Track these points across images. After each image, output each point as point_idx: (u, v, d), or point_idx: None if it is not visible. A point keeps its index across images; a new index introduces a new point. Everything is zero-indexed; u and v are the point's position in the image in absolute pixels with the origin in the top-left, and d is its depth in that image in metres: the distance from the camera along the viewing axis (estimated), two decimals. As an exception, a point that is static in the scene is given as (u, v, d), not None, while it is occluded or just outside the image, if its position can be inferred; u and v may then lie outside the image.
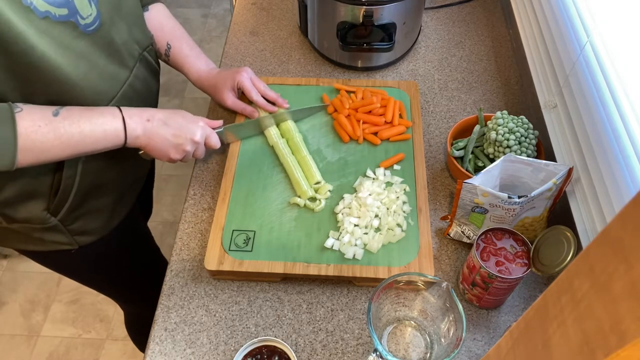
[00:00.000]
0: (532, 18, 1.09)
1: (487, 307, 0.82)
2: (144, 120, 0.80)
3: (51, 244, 0.89)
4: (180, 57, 1.00)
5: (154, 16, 0.96)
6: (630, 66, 0.73)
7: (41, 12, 0.65)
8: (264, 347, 0.76)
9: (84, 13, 0.72)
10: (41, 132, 0.69)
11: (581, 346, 0.30)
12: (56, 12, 0.67)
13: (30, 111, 0.69)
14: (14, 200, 0.80)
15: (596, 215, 0.77)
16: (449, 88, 1.14)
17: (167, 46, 0.98)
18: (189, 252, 0.89)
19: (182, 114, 0.85)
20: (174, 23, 1.00)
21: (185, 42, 1.00)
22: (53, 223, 0.85)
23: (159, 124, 0.81)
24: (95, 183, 0.87)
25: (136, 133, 0.79)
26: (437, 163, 1.01)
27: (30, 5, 0.63)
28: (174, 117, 0.83)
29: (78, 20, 0.71)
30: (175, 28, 1.00)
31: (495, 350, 0.47)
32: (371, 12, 1.05)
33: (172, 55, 0.99)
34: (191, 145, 0.85)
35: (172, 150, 0.84)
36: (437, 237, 0.90)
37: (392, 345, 0.78)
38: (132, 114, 0.79)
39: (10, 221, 0.83)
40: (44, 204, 0.82)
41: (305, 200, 0.89)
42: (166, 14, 0.99)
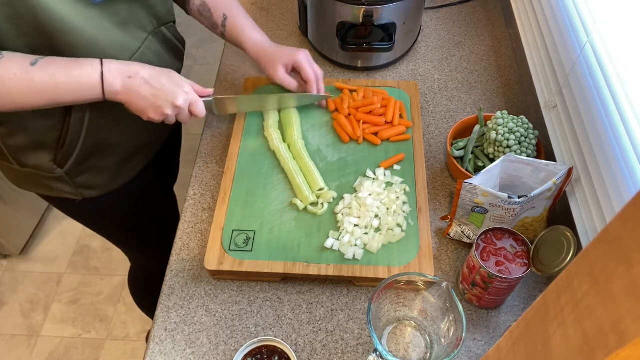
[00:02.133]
0: (532, 18, 1.09)
1: (487, 307, 0.82)
2: (125, 76, 0.78)
3: (58, 191, 0.94)
4: (237, 27, 0.99)
5: None
6: (630, 66, 0.73)
7: None
8: (264, 347, 0.76)
9: None
10: (16, 79, 0.71)
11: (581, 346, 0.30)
12: None
13: (9, 58, 0.71)
14: (24, 148, 0.86)
15: (596, 215, 0.77)
16: (449, 88, 1.14)
17: (223, 17, 0.99)
18: (189, 252, 0.89)
19: (168, 74, 0.83)
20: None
21: (241, 14, 1.00)
22: (59, 174, 0.90)
23: (141, 82, 0.79)
24: (101, 141, 0.90)
25: (114, 88, 0.78)
26: (437, 163, 1.01)
27: None
28: (159, 77, 0.81)
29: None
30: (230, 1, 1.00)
31: (495, 350, 0.47)
32: (371, 12, 1.05)
33: (229, 25, 0.99)
34: (171, 109, 0.83)
35: (151, 111, 0.82)
36: (437, 237, 0.90)
37: (392, 345, 0.78)
38: (114, 68, 0.77)
39: (21, 165, 0.90)
40: (51, 155, 0.87)
41: (307, 205, 0.89)
42: None
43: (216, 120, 1.08)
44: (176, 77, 0.84)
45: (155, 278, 1.23)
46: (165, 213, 1.27)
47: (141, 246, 1.25)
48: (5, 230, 1.84)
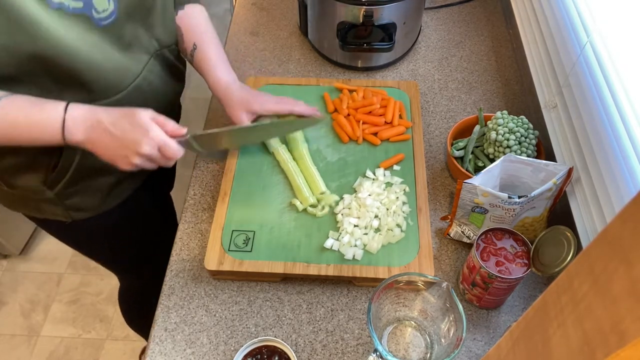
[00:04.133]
0: (532, 18, 1.09)
1: (487, 307, 0.82)
2: (88, 125, 0.73)
3: (47, 213, 0.93)
4: (203, 60, 0.94)
5: (187, 15, 0.94)
6: (630, 66, 0.73)
7: (55, 3, 0.66)
8: (264, 347, 0.76)
9: (100, 7, 0.72)
10: None
11: (581, 346, 0.30)
12: (70, 4, 0.68)
13: None
14: (13, 170, 0.83)
15: (596, 215, 0.77)
16: (449, 88, 1.14)
17: (193, 46, 0.94)
18: (189, 252, 0.89)
19: (132, 117, 0.74)
20: (206, 27, 0.95)
21: (213, 46, 0.95)
22: (49, 196, 0.87)
23: (103, 131, 0.73)
24: (94, 163, 0.86)
25: (76, 138, 0.73)
26: (437, 163, 1.01)
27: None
28: (121, 123, 0.74)
29: (92, 14, 0.71)
30: (207, 32, 0.95)
31: (495, 350, 0.47)
32: (371, 12, 1.05)
33: (197, 56, 0.94)
34: (138, 157, 0.75)
35: (119, 160, 0.76)
36: (437, 237, 0.90)
37: (392, 345, 0.78)
38: (77, 115, 0.72)
39: (10, 187, 0.87)
40: (41, 177, 0.85)
41: (307, 207, 0.89)
42: (202, 16, 0.96)
43: (216, 121, 1.08)
44: (142, 119, 0.74)
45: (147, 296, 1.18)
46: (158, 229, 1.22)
47: (132, 266, 1.21)
48: (5, 230, 1.84)
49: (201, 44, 0.94)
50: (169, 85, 0.94)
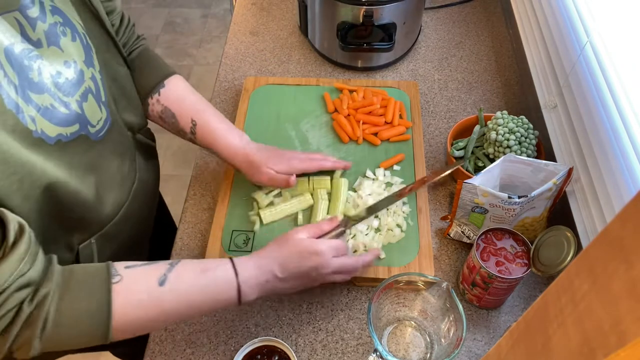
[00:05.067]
0: (532, 18, 1.09)
1: (487, 307, 0.82)
2: (263, 282, 0.68)
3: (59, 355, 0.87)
4: (208, 134, 0.85)
5: (172, 91, 0.85)
6: (630, 66, 0.73)
7: (52, 139, 0.60)
8: (264, 347, 0.76)
9: (94, 120, 0.67)
10: (142, 306, 0.60)
11: (581, 346, 0.30)
12: (67, 131, 0.62)
13: (132, 280, 0.60)
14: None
15: (596, 215, 0.77)
16: (449, 88, 1.14)
17: (192, 123, 0.85)
18: (189, 252, 0.89)
19: (296, 250, 0.70)
20: (195, 97, 0.87)
21: (213, 115, 0.86)
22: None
23: (277, 282, 0.69)
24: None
25: (251, 298, 0.68)
26: (437, 163, 1.01)
27: (42, 135, 0.58)
28: (290, 262, 0.69)
29: (88, 131, 0.66)
30: (199, 102, 0.87)
31: (495, 350, 0.47)
32: (371, 12, 1.05)
33: (199, 132, 0.85)
34: (325, 278, 0.72)
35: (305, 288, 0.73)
36: (437, 237, 0.90)
37: (392, 345, 0.78)
38: (249, 277, 0.67)
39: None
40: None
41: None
42: (185, 86, 0.87)
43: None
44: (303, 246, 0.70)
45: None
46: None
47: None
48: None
49: (199, 119, 0.85)
50: (151, 172, 0.89)
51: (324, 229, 0.75)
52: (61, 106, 0.61)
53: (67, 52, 0.63)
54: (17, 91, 0.55)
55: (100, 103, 0.68)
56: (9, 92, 0.54)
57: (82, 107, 0.64)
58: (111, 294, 0.58)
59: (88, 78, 0.66)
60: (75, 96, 0.63)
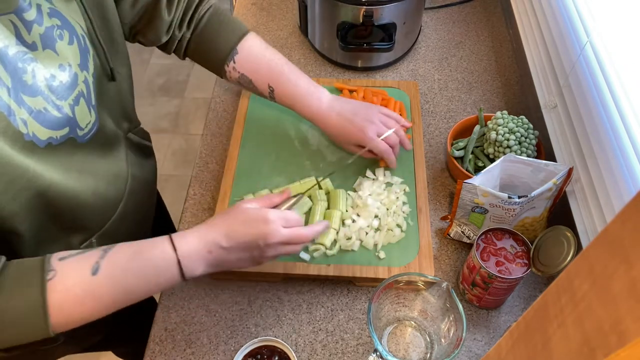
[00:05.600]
0: (532, 18, 1.09)
1: (487, 307, 0.82)
2: (204, 253, 0.65)
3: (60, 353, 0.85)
4: (287, 99, 0.87)
5: (246, 57, 0.85)
6: (630, 66, 0.73)
7: (43, 142, 0.60)
8: (264, 347, 0.76)
9: (83, 123, 0.67)
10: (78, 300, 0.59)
11: (581, 346, 0.30)
12: (58, 134, 0.62)
13: (64, 274, 0.58)
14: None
15: (596, 215, 0.77)
16: (449, 88, 1.14)
17: (269, 88, 0.86)
18: (189, 252, 0.89)
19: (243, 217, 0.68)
20: (269, 56, 0.87)
21: (289, 78, 0.86)
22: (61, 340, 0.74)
23: (221, 252, 0.66)
24: None
25: (196, 273, 0.65)
26: (437, 163, 1.01)
27: (33, 138, 0.58)
28: (235, 231, 0.66)
29: (77, 133, 0.66)
30: (273, 63, 0.86)
31: (495, 350, 0.47)
32: (371, 12, 1.05)
33: (278, 97, 0.87)
34: (272, 249, 0.68)
35: (254, 264, 0.70)
36: (437, 237, 0.90)
37: (392, 345, 0.78)
38: (190, 250, 0.64)
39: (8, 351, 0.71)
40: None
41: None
42: (258, 46, 0.87)
43: (216, 121, 1.08)
44: (250, 214, 0.68)
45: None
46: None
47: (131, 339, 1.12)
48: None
49: (275, 82, 0.86)
50: (146, 170, 0.89)
51: (274, 201, 0.73)
52: (54, 109, 0.61)
53: (63, 56, 0.62)
54: (10, 93, 0.55)
55: (90, 106, 0.68)
56: (1, 95, 0.54)
57: (74, 110, 0.64)
58: (46, 293, 0.56)
59: (81, 82, 0.65)
60: (68, 100, 0.63)
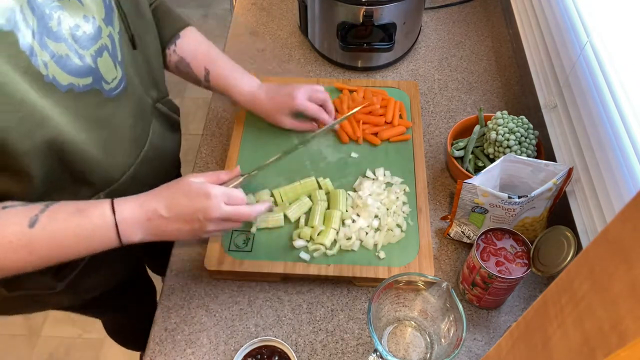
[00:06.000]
0: (532, 18, 1.09)
1: (487, 307, 0.82)
2: (144, 220, 0.67)
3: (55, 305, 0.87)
4: (221, 81, 0.92)
5: (187, 43, 0.91)
6: (630, 66, 0.73)
7: (64, 86, 0.61)
8: (264, 347, 0.76)
9: (109, 77, 0.68)
10: (12, 248, 0.60)
11: (581, 346, 0.30)
12: (80, 82, 0.64)
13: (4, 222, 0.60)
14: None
15: (596, 215, 0.77)
16: (449, 88, 1.14)
17: (205, 71, 0.91)
18: (189, 252, 0.89)
19: (185, 190, 0.69)
20: (208, 46, 0.93)
21: (224, 64, 0.93)
22: (60, 288, 0.80)
23: (162, 220, 0.67)
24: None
25: (134, 238, 0.67)
26: (437, 163, 1.01)
27: (53, 81, 0.60)
28: (176, 202, 0.68)
29: (102, 86, 0.67)
30: (211, 51, 0.93)
31: (495, 350, 0.47)
32: (371, 12, 1.05)
33: (212, 80, 0.92)
34: (212, 224, 0.69)
35: (192, 237, 0.71)
36: (437, 237, 0.90)
37: (392, 345, 0.78)
38: (128, 216, 0.66)
39: (12, 290, 0.77)
40: (51, 272, 0.77)
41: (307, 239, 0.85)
42: (198, 37, 0.93)
43: (216, 121, 1.08)
44: (193, 188, 0.69)
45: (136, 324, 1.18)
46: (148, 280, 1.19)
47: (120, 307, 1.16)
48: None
49: (213, 66, 0.91)
50: (168, 142, 0.91)
51: (221, 177, 0.74)
52: (75, 57, 0.63)
53: (87, 8, 0.65)
54: (34, 36, 0.57)
55: (116, 62, 0.70)
56: (25, 35, 0.55)
57: (97, 62, 0.66)
58: None
59: (105, 36, 0.68)
60: (90, 50, 0.65)
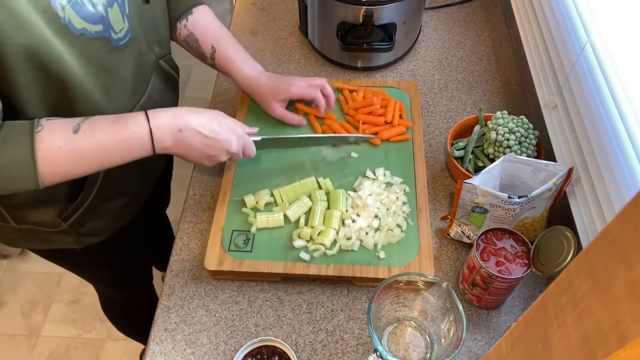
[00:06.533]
0: (532, 18, 1.09)
1: (487, 307, 0.82)
2: (176, 129, 0.74)
3: (57, 243, 0.90)
4: (226, 61, 0.95)
5: (198, 19, 0.94)
6: (630, 66, 0.73)
7: (78, 30, 0.66)
8: (264, 347, 0.76)
9: (117, 28, 0.72)
10: (62, 152, 0.66)
11: (581, 346, 0.30)
12: (92, 28, 0.68)
13: (50, 129, 0.66)
14: (26, 205, 0.79)
15: (596, 215, 0.77)
16: (449, 88, 1.14)
17: (212, 49, 0.94)
18: (189, 252, 0.89)
19: (219, 119, 0.79)
20: (218, 25, 0.97)
21: (231, 45, 0.96)
22: (63, 227, 0.85)
23: (193, 134, 0.76)
24: (114, 189, 0.87)
25: (165, 145, 0.74)
26: (437, 163, 1.01)
27: (69, 23, 0.64)
28: (210, 124, 0.77)
29: (111, 35, 0.71)
30: (220, 31, 0.96)
31: (495, 350, 0.47)
32: (371, 12, 1.05)
33: (218, 58, 0.95)
34: (226, 155, 0.81)
35: (205, 160, 0.80)
36: (437, 237, 0.90)
37: (392, 345, 0.78)
38: (162, 123, 0.73)
39: (20, 222, 0.83)
40: (57, 210, 0.82)
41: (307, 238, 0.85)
42: (210, 16, 0.97)
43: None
44: (227, 121, 0.81)
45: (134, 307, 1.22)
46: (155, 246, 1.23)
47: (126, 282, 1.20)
48: (5, 230, 1.84)
49: (219, 45, 0.95)
50: (166, 98, 0.93)
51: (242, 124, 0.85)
52: (89, 5, 0.66)
53: None
54: None
55: (124, 14, 0.73)
56: None
57: (107, 11, 0.70)
58: (35, 143, 0.64)
59: None
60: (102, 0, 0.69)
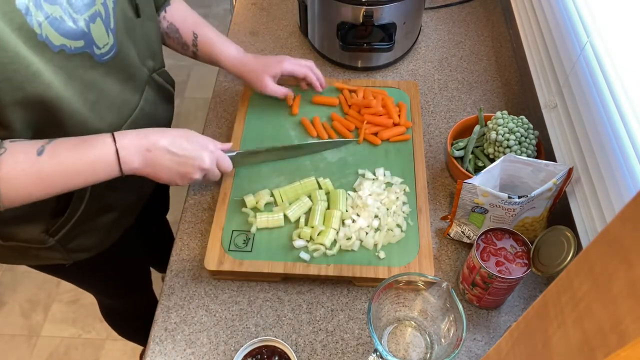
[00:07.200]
0: (532, 18, 1.09)
1: (487, 307, 0.82)
2: (143, 150, 0.72)
3: (46, 260, 0.88)
4: (210, 45, 0.95)
5: (176, 10, 0.94)
6: (630, 66, 0.73)
7: (56, 46, 0.64)
8: (264, 347, 0.76)
9: (101, 43, 0.71)
10: (24, 175, 0.65)
11: (581, 346, 0.30)
12: (72, 44, 0.66)
13: (13, 152, 0.64)
14: (10, 221, 0.78)
15: (596, 215, 0.77)
16: (449, 88, 1.14)
17: (193, 36, 0.94)
18: (189, 252, 0.89)
19: (188, 136, 0.78)
20: (195, 15, 0.98)
21: (211, 30, 0.97)
22: (51, 243, 0.83)
23: (162, 153, 0.74)
24: (103, 204, 0.85)
25: (133, 165, 0.72)
26: (437, 163, 1.01)
27: (46, 40, 0.62)
28: (179, 142, 0.76)
29: (94, 51, 0.70)
30: (198, 19, 0.97)
31: (495, 350, 0.47)
32: (371, 12, 1.05)
33: (200, 43, 0.95)
34: (199, 172, 0.79)
35: (178, 179, 0.78)
36: (437, 237, 0.90)
37: (392, 345, 0.78)
38: (128, 144, 0.71)
39: (6, 239, 0.81)
40: (43, 226, 0.81)
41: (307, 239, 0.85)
42: (186, 6, 0.98)
43: (216, 121, 1.08)
44: (197, 138, 0.79)
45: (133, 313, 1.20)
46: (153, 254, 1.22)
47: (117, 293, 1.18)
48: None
49: (200, 30, 0.95)
50: (161, 111, 0.93)
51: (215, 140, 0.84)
52: (69, 21, 0.65)
53: None
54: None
55: (109, 29, 0.72)
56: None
57: (89, 27, 0.68)
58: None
59: (100, 3, 0.70)
60: (84, 15, 0.67)
